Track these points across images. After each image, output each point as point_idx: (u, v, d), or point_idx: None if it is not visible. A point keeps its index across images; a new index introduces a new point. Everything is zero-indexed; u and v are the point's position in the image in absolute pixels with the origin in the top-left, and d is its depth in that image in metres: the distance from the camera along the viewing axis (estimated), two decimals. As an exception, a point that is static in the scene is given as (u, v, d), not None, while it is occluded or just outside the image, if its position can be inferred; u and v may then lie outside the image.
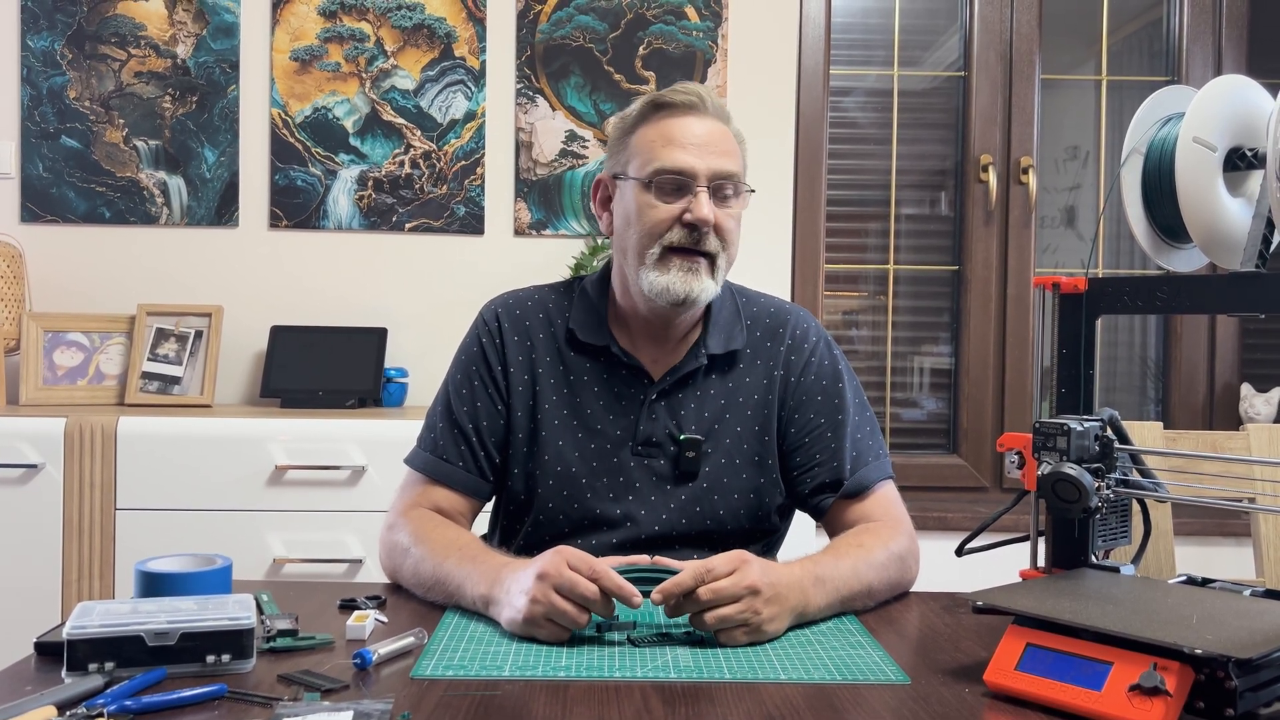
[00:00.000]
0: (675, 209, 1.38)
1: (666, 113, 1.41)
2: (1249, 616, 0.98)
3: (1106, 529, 1.21)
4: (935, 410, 3.05)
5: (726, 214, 1.40)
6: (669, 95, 1.42)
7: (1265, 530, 1.83)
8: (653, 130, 1.41)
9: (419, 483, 1.47)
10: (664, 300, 1.39)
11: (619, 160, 1.45)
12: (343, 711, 0.91)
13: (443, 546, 1.32)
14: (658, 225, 1.39)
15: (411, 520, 1.40)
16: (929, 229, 3.05)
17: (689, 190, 1.38)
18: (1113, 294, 1.23)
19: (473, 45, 2.80)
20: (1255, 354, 3.03)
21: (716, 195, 1.39)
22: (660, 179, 1.38)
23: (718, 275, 1.41)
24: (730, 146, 1.42)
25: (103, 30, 2.75)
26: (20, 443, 2.30)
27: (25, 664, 1.06)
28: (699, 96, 1.41)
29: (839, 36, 2.97)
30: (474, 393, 1.48)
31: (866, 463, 1.47)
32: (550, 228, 2.82)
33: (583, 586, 1.12)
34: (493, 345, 1.49)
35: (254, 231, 2.79)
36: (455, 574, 1.27)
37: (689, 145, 1.39)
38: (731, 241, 1.42)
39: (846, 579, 1.27)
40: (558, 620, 1.13)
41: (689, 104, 1.41)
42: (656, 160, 1.39)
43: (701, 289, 1.39)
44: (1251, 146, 1.20)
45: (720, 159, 1.39)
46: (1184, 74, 2.97)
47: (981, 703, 0.98)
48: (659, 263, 1.39)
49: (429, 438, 1.49)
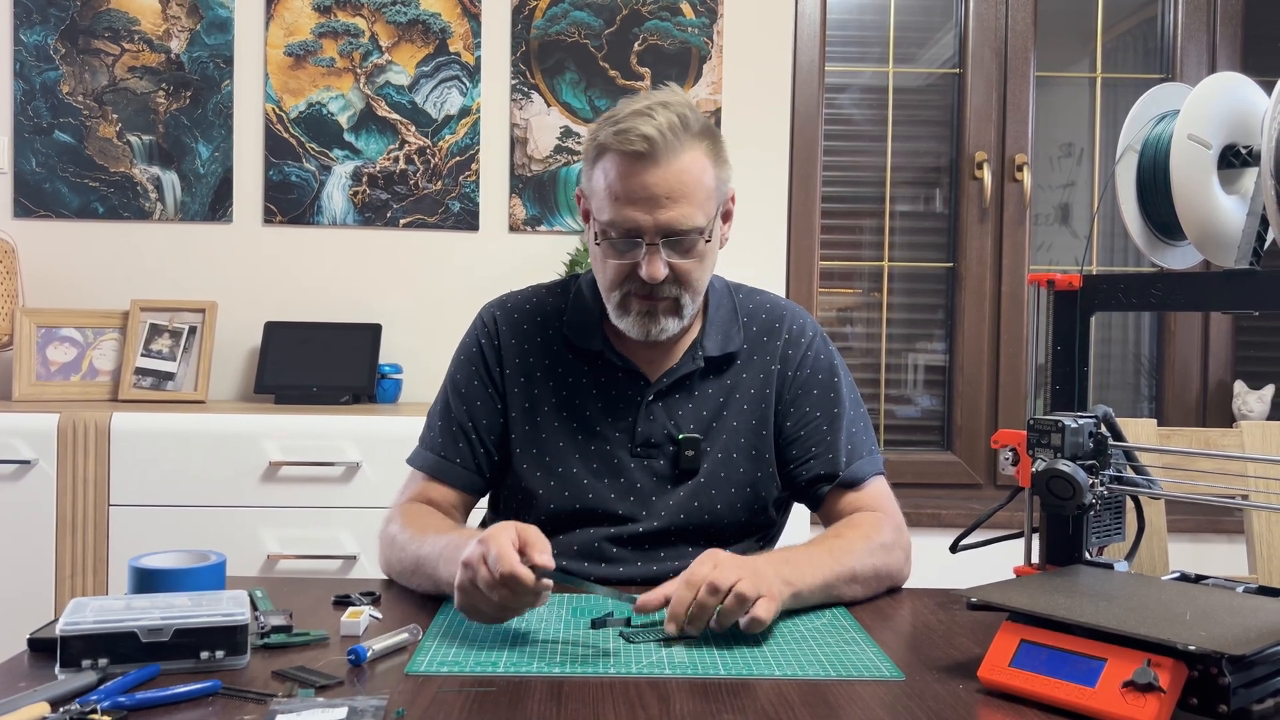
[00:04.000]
0: (627, 264, 1.36)
1: (616, 157, 1.32)
2: (1242, 613, 0.98)
3: (1100, 526, 1.21)
4: (930, 407, 3.06)
5: (684, 262, 1.35)
6: (616, 141, 1.31)
7: (1258, 527, 1.84)
8: (603, 175, 1.34)
9: (417, 480, 1.49)
10: (629, 335, 1.42)
11: (586, 184, 1.41)
12: (337, 708, 0.91)
13: (422, 532, 1.34)
14: (614, 278, 1.38)
15: (403, 513, 1.42)
16: (924, 226, 3.05)
17: (641, 245, 1.34)
18: (1107, 291, 1.23)
19: (468, 41, 2.80)
20: (1249, 351, 3.03)
21: (672, 246, 1.34)
22: (609, 236, 1.35)
23: (684, 311, 1.40)
24: (688, 190, 1.32)
25: (96, 25, 2.74)
26: (13, 439, 2.29)
27: (18, 660, 1.06)
28: (647, 140, 1.29)
29: (834, 33, 2.97)
30: (473, 391, 1.49)
31: (861, 456, 1.48)
32: (545, 224, 2.81)
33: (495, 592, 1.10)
34: (491, 346, 1.50)
35: (248, 227, 2.79)
36: (430, 556, 1.28)
37: (638, 200, 1.31)
38: (695, 280, 1.38)
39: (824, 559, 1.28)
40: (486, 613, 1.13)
41: (636, 153, 1.30)
42: (605, 214, 1.33)
43: (661, 330, 1.39)
44: (1246, 144, 1.20)
45: (672, 210, 1.31)
46: (1178, 71, 2.98)
47: (976, 699, 0.99)
48: (620, 305, 1.40)
49: (429, 436, 1.51)
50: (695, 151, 1.33)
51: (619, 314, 1.40)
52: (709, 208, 1.36)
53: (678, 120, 1.32)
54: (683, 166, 1.32)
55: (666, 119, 1.31)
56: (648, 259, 1.33)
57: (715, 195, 1.37)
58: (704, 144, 1.35)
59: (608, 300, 1.41)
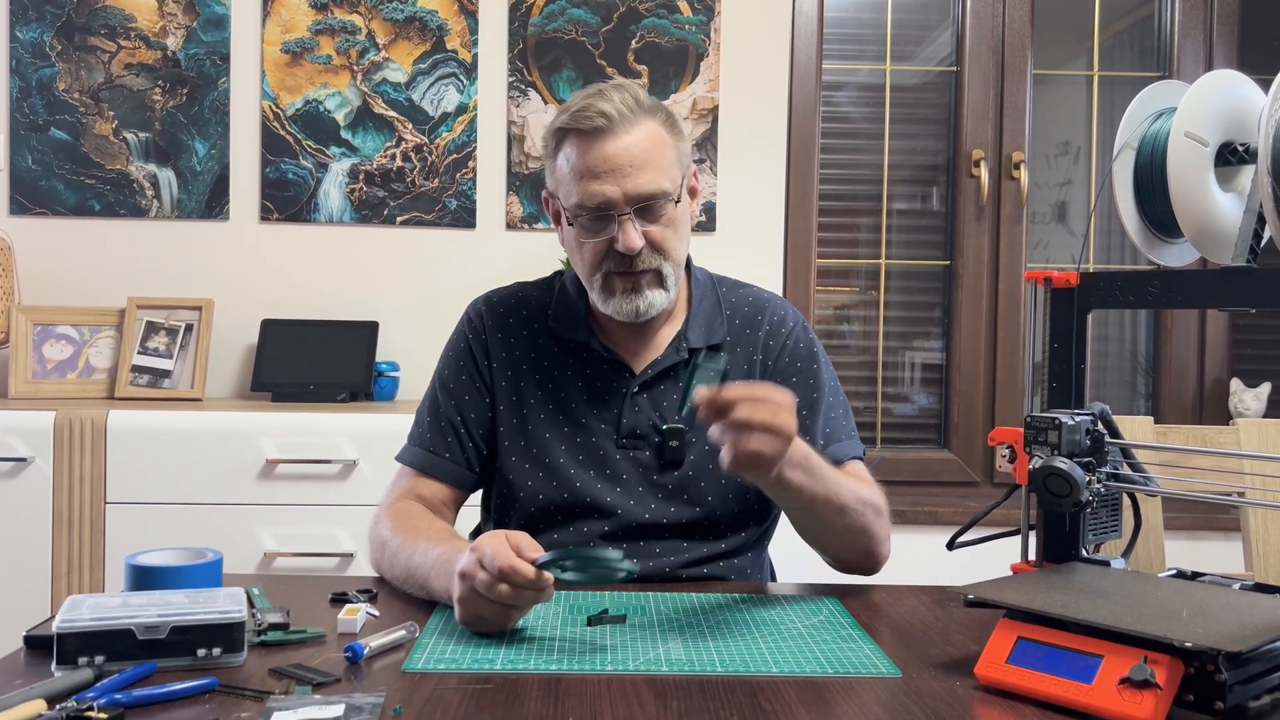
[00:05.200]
0: (604, 241, 1.38)
1: (576, 138, 1.37)
2: (1238, 610, 0.98)
3: (1097, 523, 1.22)
4: (926, 405, 3.06)
5: (658, 229, 1.38)
6: (574, 121, 1.36)
7: (1254, 524, 1.84)
8: (566, 160, 1.38)
9: (407, 476, 1.49)
10: (618, 318, 1.42)
11: (551, 180, 1.44)
12: (334, 705, 0.91)
13: (414, 539, 1.32)
14: (592, 259, 1.39)
15: (392, 513, 1.41)
16: (921, 224, 3.05)
17: (613, 219, 1.36)
18: (1104, 289, 1.23)
19: (465, 38, 2.79)
20: (1245, 349, 3.04)
21: (643, 215, 1.37)
22: (581, 216, 1.37)
23: (668, 282, 1.41)
24: (649, 156, 1.36)
25: (92, 22, 2.74)
26: (10, 436, 2.28)
27: (14, 658, 1.06)
28: (605, 116, 1.34)
29: (831, 31, 2.97)
30: (460, 386, 1.50)
31: (840, 439, 1.49)
32: (542, 221, 2.81)
33: (496, 590, 1.10)
34: (478, 340, 1.51)
35: (245, 224, 2.78)
36: (422, 568, 1.27)
37: (602, 173, 1.35)
38: (672, 248, 1.40)
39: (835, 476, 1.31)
40: (490, 619, 1.13)
41: (595, 129, 1.35)
42: (574, 195, 1.37)
43: (649, 304, 1.41)
44: (1243, 141, 1.21)
45: (638, 178, 1.35)
46: (1175, 69, 2.98)
47: (972, 696, 0.99)
48: (603, 288, 1.41)
49: (417, 433, 1.51)
50: (651, 122, 1.39)
51: (604, 297, 1.41)
52: (674, 174, 1.39)
53: (630, 98, 1.38)
54: (641, 135, 1.36)
55: (620, 97, 1.37)
56: (622, 231, 1.36)
57: (677, 164, 1.41)
58: (659, 116, 1.40)
59: (590, 286, 1.42)
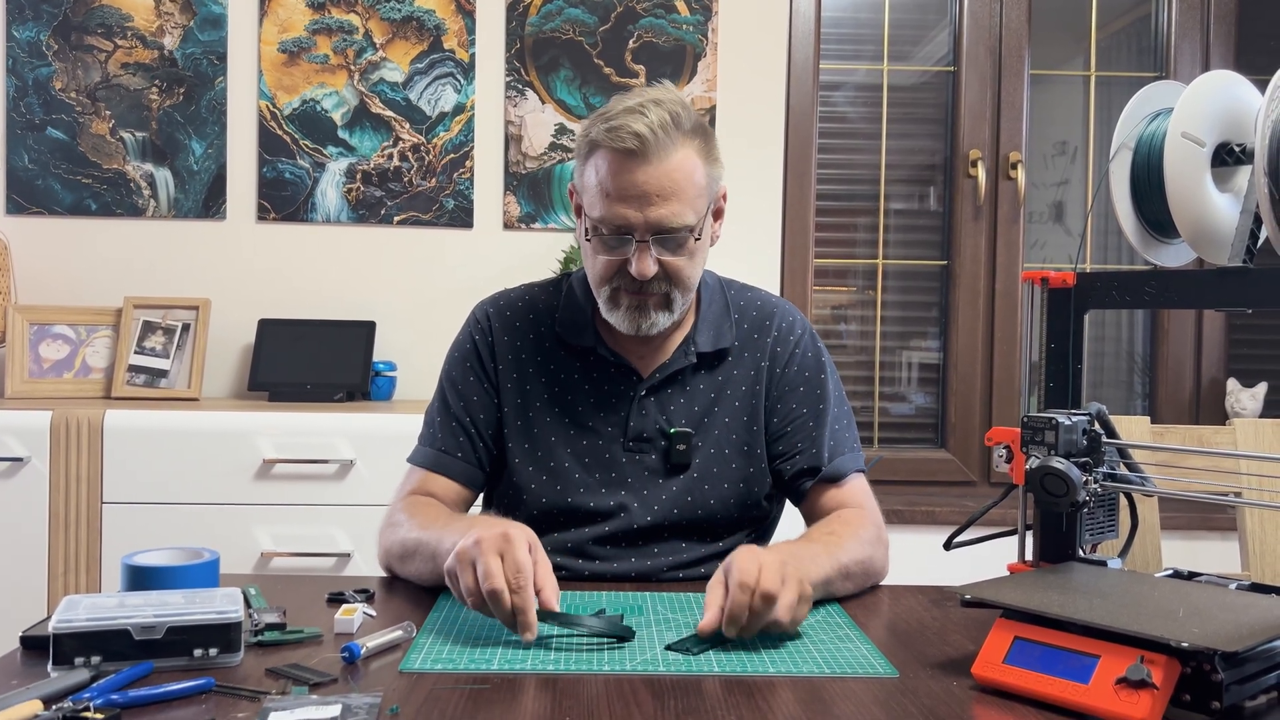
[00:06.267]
0: (617, 259, 1.36)
1: (607, 154, 1.33)
2: (1235, 610, 0.98)
3: (1094, 523, 1.22)
4: (923, 405, 3.06)
5: (674, 259, 1.36)
6: (607, 138, 1.32)
7: (1251, 524, 1.84)
8: (595, 172, 1.35)
9: (417, 475, 1.50)
10: (620, 329, 1.42)
11: (578, 180, 1.41)
12: (331, 705, 0.91)
13: (429, 519, 1.35)
14: (605, 272, 1.38)
15: (405, 504, 1.43)
16: (918, 224, 3.05)
17: (631, 242, 1.34)
18: (1101, 289, 1.24)
19: (462, 38, 2.79)
20: (1241, 349, 3.04)
21: (662, 244, 1.34)
22: (600, 232, 1.36)
23: (674, 306, 1.40)
24: (679, 188, 1.32)
25: (89, 21, 2.73)
26: (6, 436, 2.28)
27: (11, 658, 1.06)
28: (639, 138, 1.30)
29: (829, 31, 2.97)
30: (468, 387, 1.50)
31: (843, 452, 1.49)
32: (540, 221, 2.81)
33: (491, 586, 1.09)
34: (485, 342, 1.51)
35: (242, 224, 2.78)
36: (433, 534, 1.29)
37: (629, 197, 1.32)
38: (685, 277, 1.38)
39: (823, 557, 1.28)
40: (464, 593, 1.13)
41: (628, 151, 1.31)
42: (596, 210, 1.35)
43: (652, 324, 1.40)
44: (1240, 142, 1.21)
45: (662, 208, 1.32)
46: (1172, 70, 2.98)
47: (969, 696, 0.99)
48: (610, 299, 1.40)
49: (428, 433, 1.52)
50: (687, 149, 1.34)
51: (609, 308, 1.41)
52: (699, 205, 1.36)
53: (669, 118, 1.32)
54: (674, 164, 1.32)
55: (658, 116, 1.31)
56: (637, 256, 1.34)
57: (706, 193, 1.37)
58: (695, 142, 1.36)
59: (598, 294, 1.42)
